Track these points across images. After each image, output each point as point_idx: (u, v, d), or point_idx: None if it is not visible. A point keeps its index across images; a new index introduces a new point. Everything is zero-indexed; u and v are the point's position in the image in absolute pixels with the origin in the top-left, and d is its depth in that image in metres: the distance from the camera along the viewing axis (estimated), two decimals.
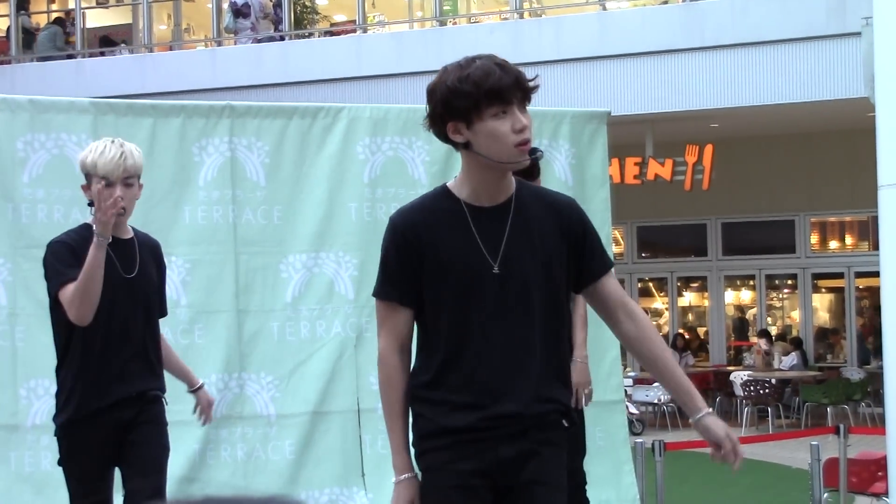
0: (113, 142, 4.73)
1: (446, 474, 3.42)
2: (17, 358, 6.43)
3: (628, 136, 15.46)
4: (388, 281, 3.47)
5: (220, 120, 6.80)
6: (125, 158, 4.67)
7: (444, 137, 3.44)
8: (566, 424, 3.51)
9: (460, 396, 3.40)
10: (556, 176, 7.18)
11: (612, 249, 7.63)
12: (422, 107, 7.27)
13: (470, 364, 3.41)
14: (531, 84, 3.37)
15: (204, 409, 5.22)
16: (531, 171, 4.18)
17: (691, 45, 15.42)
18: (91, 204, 4.71)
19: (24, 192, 6.47)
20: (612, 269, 3.61)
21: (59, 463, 4.83)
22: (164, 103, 7.15)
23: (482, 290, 3.40)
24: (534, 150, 3.39)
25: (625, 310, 3.53)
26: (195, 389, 5.22)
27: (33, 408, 6.43)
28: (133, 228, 4.96)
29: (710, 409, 3.50)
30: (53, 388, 6.37)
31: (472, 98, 3.32)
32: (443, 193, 3.50)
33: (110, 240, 4.59)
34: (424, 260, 3.42)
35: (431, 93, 3.42)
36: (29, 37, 19.30)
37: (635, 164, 16.06)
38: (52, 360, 6.39)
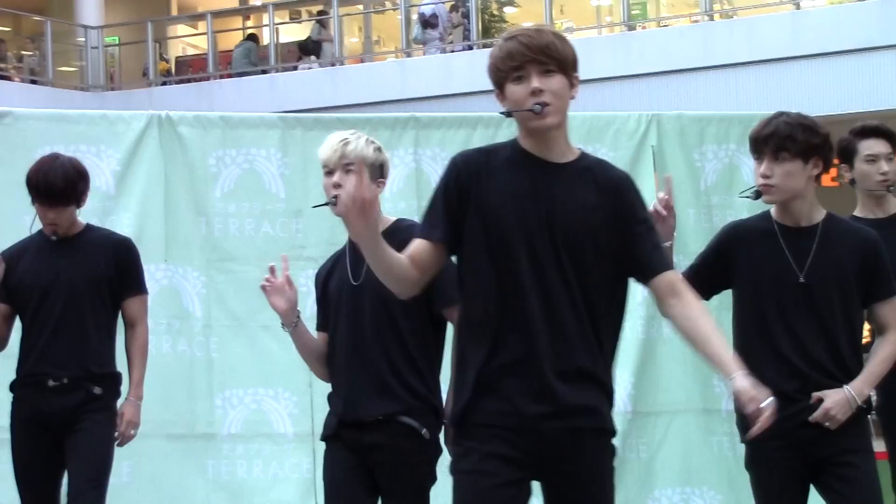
0: (344, 132, 4.51)
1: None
2: (213, 369, 6.57)
3: None
4: None
5: (405, 131, 6.84)
6: (346, 143, 4.41)
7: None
8: None
9: None
10: (745, 181, 7.00)
11: None
12: (606, 114, 7.25)
13: None
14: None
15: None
16: None
17: (890, 42, 14.94)
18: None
19: (217, 206, 6.61)
20: None
21: None
22: (350, 116, 7.25)
23: None
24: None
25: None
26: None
27: (228, 417, 6.56)
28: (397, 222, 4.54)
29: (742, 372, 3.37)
30: (247, 398, 6.58)
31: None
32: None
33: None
34: None
35: None
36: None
37: (833, 165, 15.62)
38: (245, 371, 6.57)
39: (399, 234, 4.32)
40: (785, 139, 4.06)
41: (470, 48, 17.87)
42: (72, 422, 5.13)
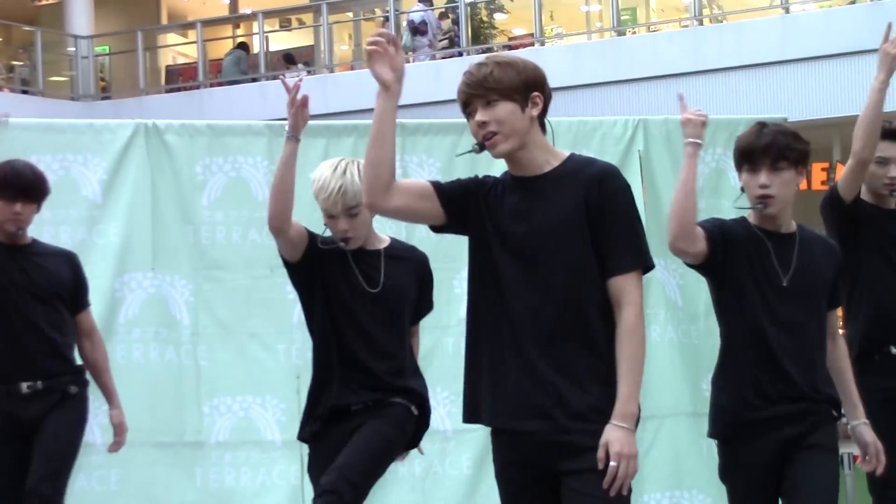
0: (336, 169, 4.61)
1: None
2: (201, 376, 6.57)
3: (814, 141, 14.95)
4: None
5: None
6: (343, 192, 4.55)
7: None
8: None
9: None
10: (732, 185, 7.02)
11: None
12: (592, 119, 7.25)
13: None
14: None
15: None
16: None
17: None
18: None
19: (204, 214, 6.62)
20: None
21: None
22: (338, 123, 7.24)
23: None
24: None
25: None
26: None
27: (216, 425, 6.56)
28: (393, 240, 4.93)
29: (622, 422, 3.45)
30: (235, 406, 6.59)
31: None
32: None
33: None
34: None
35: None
36: None
37: (822, 169, 15.67)
38: (233, 379, 6.57)
39: (402, 253, 4.79)
40: (784, 149, 4.11)
41: (460, 55, 17.89)
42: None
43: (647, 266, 3.56)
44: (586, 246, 3.49)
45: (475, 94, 3.53)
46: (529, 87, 3.54)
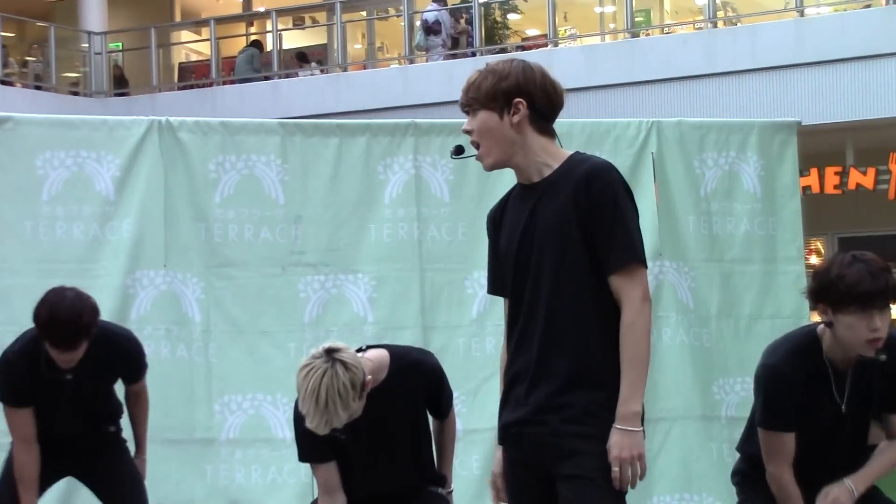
0: (318, 401, 4.14)
1: None
2: (212, 374, 6.58)
3: (828, 144, 15.05)
4: None
5: (404, 138, 6.86)
6: (331, 425, 4.20)
7: None
8: None
9: None
10: (745, 188, 7.03)
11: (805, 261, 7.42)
12: (606, 121, 7.25)
13: None
14: None
15: None
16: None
17: (894, 50, 14.92)
18: None
19: (216, 212, 6.63)
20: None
21: None
22: (350, 122, 7.25)
23: None
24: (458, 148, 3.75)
25: None
26: None
27: (227, 422, 6.57)
28: (390, 367, 4.54)
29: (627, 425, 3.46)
30: (246, 404, 6.60)
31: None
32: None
33: None
34: None
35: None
36: None
37: (835, 173, 15.59)
38: (244, 377, 6.58)
39: (405, 374, 4.50)
40: (894, 290, 3.97)
41: (473, 55, 17.88)
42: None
43: (638, 261, 3.50)
44: (578, 250, 3.49)
45: (463, 102, 3.62)
46: (510, 93, 3.53)
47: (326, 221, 6.71)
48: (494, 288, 3.80)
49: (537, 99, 3.55)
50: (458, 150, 3.70)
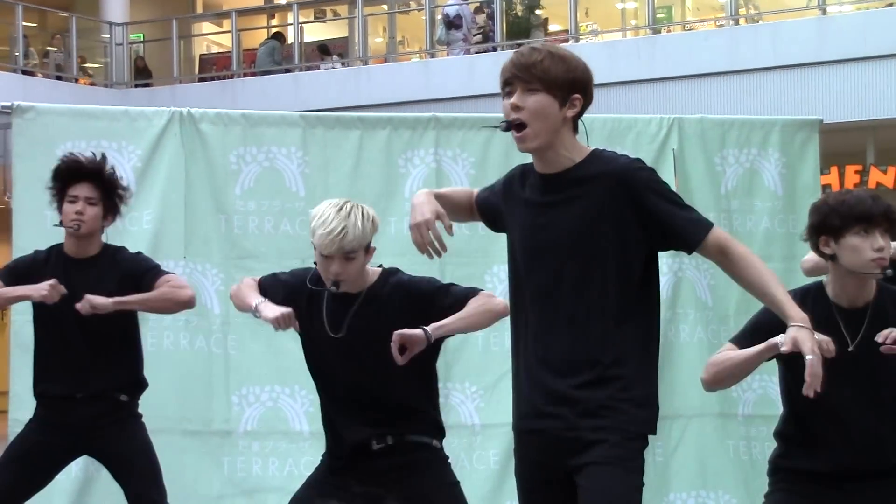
0: (340, 210, 4.23)
1: None
2: (230, 366, 6.59)
3: (849, 143, 15.00)
4: None
5: (426, 132, 6.86)
6: (344, 236, 4.18)
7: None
8: None
9: None
10: (766, 185, 7.01)
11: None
12: (627, 116, 7.24)
13: None
14: None
15: None
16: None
17: None
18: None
19: (237, 204, 6.64)
20: None
21: None
22: (371, 116, 7.25)
23: None
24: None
25: None
26: None
27: (245, 414, 6.59)
28: (382, 275, 4.50)
29: (802, 323, 3.42)
30: (264, 396, 6.61)
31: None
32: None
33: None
34: None
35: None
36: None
37: (856, 171, 15.57)
38: (262, 369, 6.59)
39: (393, 292, 4.40)
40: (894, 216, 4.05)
41: (494, 49, 17.87)
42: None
43: (711, 225, 3.51)
44: (604, 245, 3.47)
45: (519, 76, 3.47)
46: (574, 86, 3.49)
47: None
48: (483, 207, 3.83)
49: (588, 100, 3.55)
50: (507, 127, 3.52)
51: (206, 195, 6.62)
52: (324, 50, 20.05)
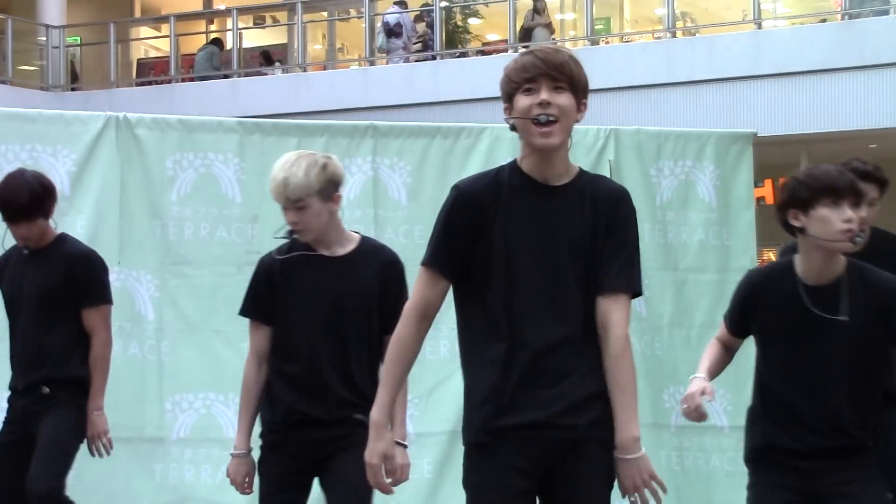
0: (288, 161, 4.37)
1: None
2: (164, 372, 6.55)
3: (783, 156, 15.17)
4: None
5: (363, 140, 6.86)
6: (285, 184, 4.32)
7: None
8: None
9: None
10: (700, 197, 7.08)
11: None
12: None
13: None
14: None
15: None
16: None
17: (849, 64, 15.08)
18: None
19: (173, 209, 6.60)
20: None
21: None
22: (309, 123, 7.24)
23: None
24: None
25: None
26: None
27: (178, 421, 6.55)
28: (362, 241, 4.59)
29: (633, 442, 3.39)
30: (197, 403, 6.57)
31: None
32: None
33: None
34: None
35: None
36: None
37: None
38: (196, 376, 6.55)
39: (372, 257, 4.52)
40: (860, 190, 4.15)
41: (433, 58, 17.89)
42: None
43: (636, 293, 3.45)
44: (594, 264, 3.42)
45: (549, 74, 3.40)
46: (586, 92, 3.49)
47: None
48: (439, 263, 3.49)
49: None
50: (539, 123, 3.39)
51: (141, 201, 6.58)
52: (266, 57, 19.99)
